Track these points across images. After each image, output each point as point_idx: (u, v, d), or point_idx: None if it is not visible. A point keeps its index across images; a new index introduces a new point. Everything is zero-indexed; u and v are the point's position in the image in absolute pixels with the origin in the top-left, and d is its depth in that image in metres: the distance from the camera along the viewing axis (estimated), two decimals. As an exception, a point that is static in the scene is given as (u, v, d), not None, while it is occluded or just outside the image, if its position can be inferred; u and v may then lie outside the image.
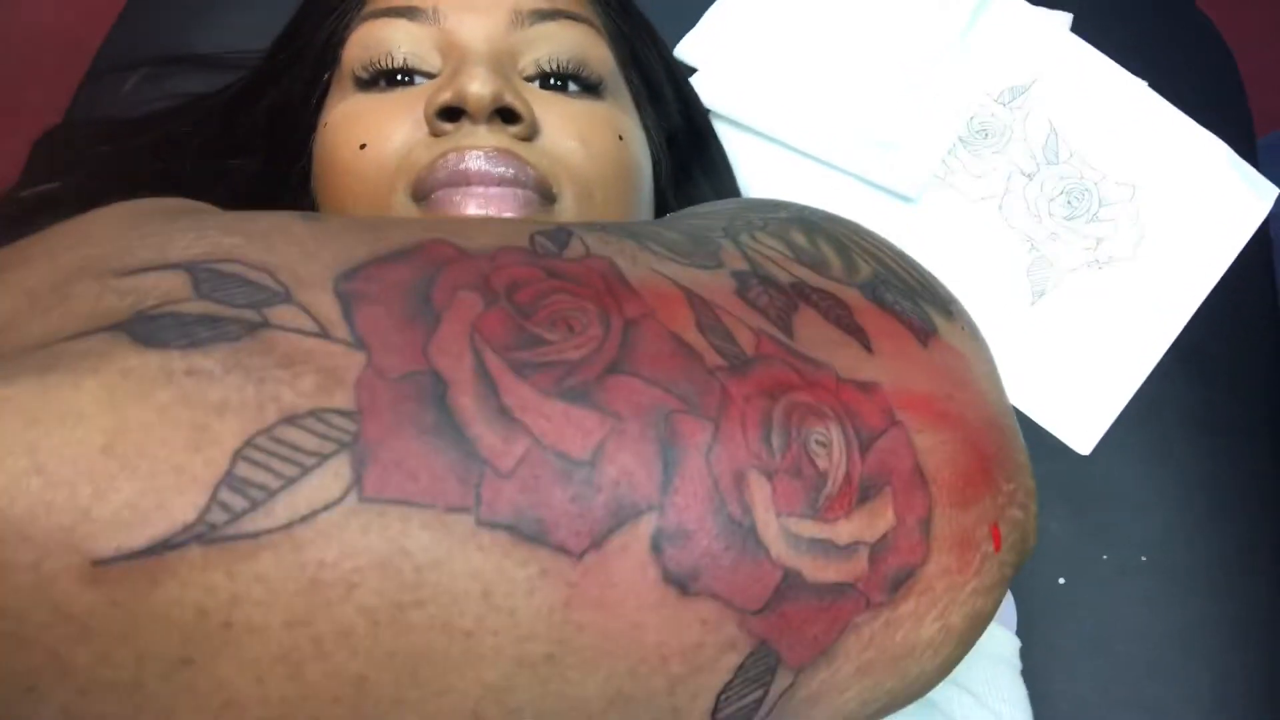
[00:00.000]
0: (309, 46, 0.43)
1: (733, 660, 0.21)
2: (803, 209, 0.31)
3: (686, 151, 0.51)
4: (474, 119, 0.36)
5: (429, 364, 0.21)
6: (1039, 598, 0.53)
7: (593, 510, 0.20)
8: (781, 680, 0.22)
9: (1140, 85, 0.62)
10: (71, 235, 0.23)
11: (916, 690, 0.25)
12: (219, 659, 0.18)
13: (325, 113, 0.41)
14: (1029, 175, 0.60)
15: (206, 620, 0.18)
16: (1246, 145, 0.62)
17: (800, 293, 0.26)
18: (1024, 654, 0.48)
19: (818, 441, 0.23)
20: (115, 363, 0.19)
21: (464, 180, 0.36)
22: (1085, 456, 0.56)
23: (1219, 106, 0.63)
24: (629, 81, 0.44)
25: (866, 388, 0.25)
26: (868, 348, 0.26)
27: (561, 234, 0.25)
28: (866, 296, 0.27)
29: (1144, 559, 0.54)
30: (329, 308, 0.21)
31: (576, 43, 0.40)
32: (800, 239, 0.28)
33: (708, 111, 0.59)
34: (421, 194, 0.36)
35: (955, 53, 0.61)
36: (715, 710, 0.22)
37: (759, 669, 0.22)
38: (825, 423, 0.23)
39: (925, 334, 0.27)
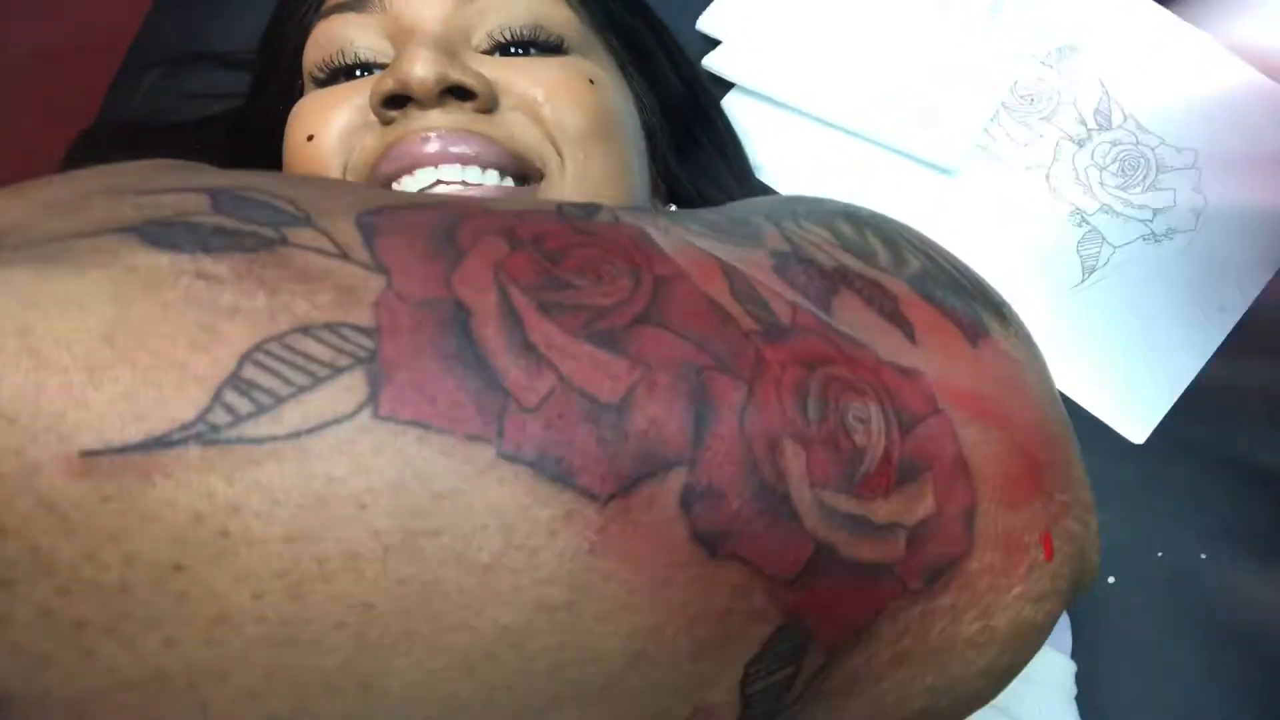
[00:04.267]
0: (280, 55, 0.43)
1: (762, 631, 0.20)
2: (850, 204, 0.29)
3: (689, 120, 0.49)
4: (422, 104, 0.35)
5: (451, 293, 0.20)
6: (1087, 598, 0.49)
7: (620, 456, 0.19)
8: (813, 659, 0.21)
9: (1205, 39, 0.56)
10: (98, 168, 0.23)
11: (961, 697, 0.24)
12: (214, 569, 0.17)
13: None
14: (1079, 142, 0.56)
15: (201, 526, 0.17)
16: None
17: (843, 277, 0.25)
18: (1071, 657, 0.45)
19: (856, 417, 0.22)
20: (122, 259, 0.18)
21: (417, 165, 0.34)
22: (1138, 445, 0.52)
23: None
24: (608, 45, 0.43)
25: (908, 373, 0.23)
26: (911, 339, 0.24)
27: (591, 207, 0.24)
28: (914, 290, 0.26)
29: (1203, 557, 0.50)
30: (349, 234, 0.20)
31: (529, 7, 0.38)
32: (846, 229, 0.27)
33: (717, 80, 0.57)
34: (378, 185, 0.35)
35: (996, 13, 0.57)
36: (744, 683, 0.21)
37: (789, 644, 0.21)
38: (864, 399, 0.22)
39: (975, 333, 0.26)
